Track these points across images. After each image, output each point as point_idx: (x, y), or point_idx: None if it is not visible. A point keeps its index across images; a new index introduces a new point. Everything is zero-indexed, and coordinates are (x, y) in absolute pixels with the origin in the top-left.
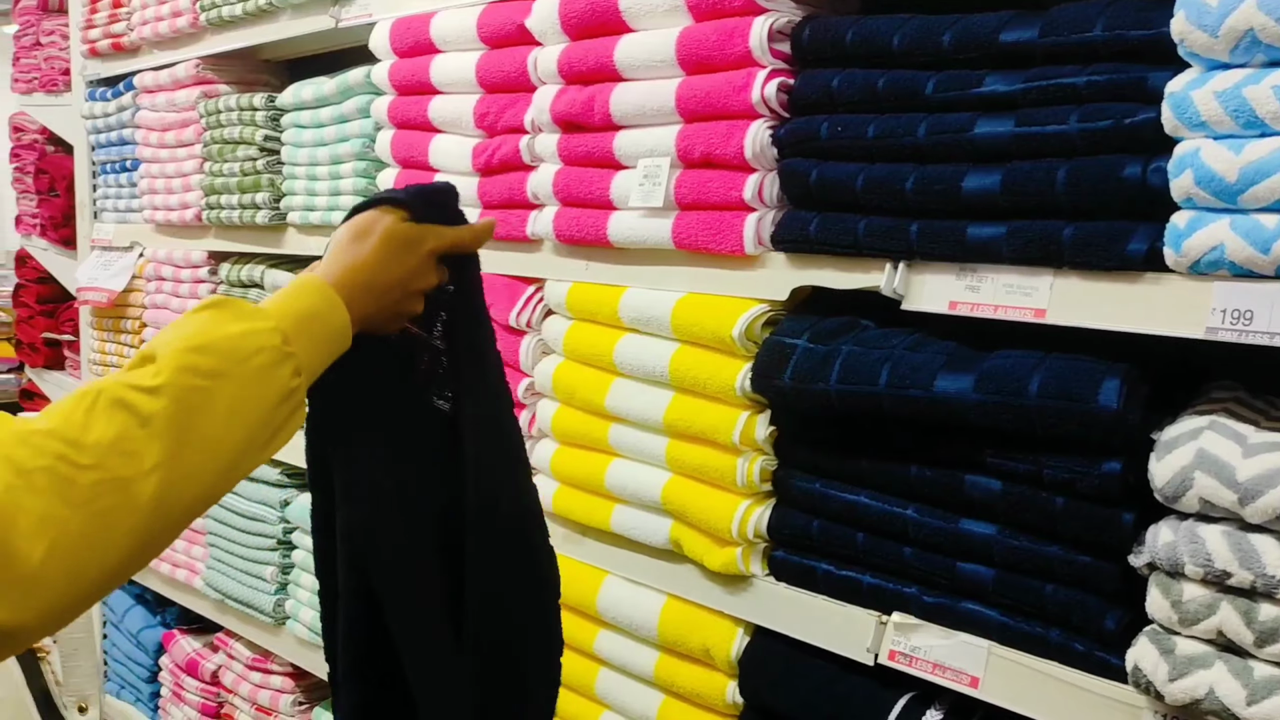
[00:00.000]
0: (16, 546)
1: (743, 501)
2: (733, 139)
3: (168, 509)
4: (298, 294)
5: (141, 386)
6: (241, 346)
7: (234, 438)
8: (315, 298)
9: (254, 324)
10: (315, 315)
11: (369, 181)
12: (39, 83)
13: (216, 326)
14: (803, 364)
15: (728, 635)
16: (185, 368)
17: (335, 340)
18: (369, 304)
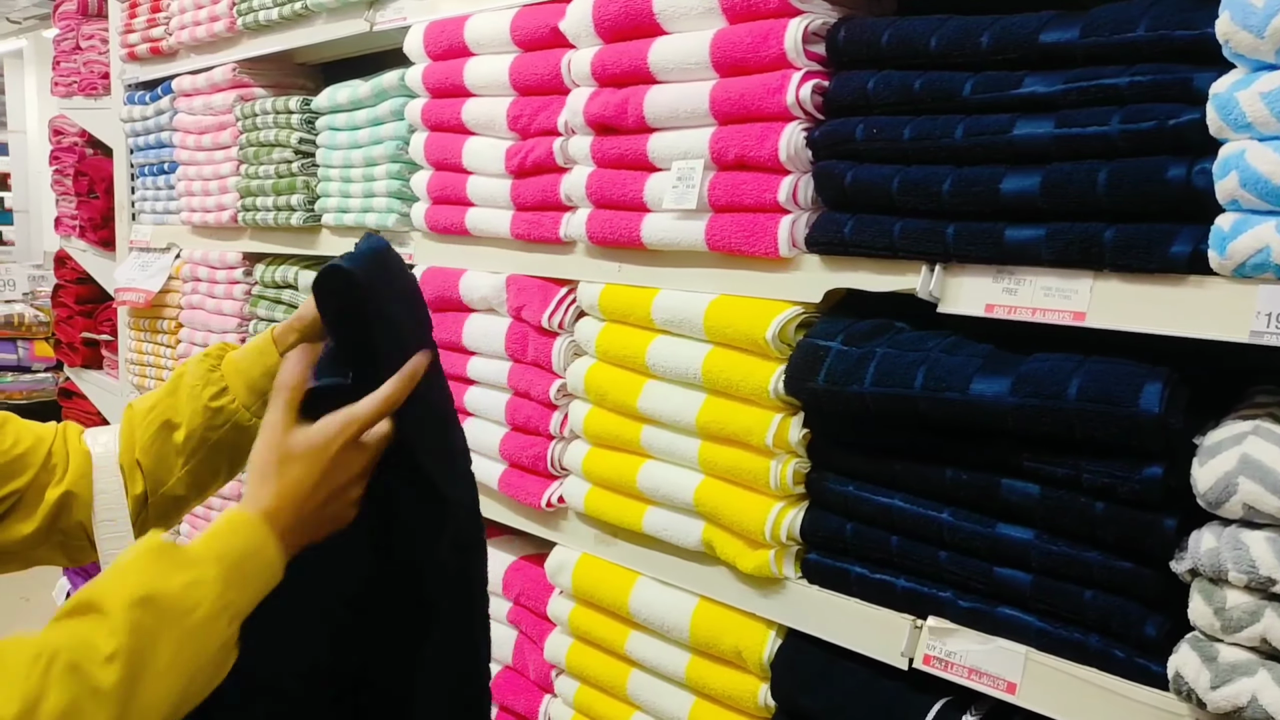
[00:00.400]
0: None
1: (775, 504)
2: (767, 141)
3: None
4: (232, 533)
5: (96, 654)
6: (184, 600)
7: (174, 691)
8: (249, 537)
9: (195, 574)
10: (249, 555)
11: (402, 183)
12: (78, 86)
13: (160, 578)
14: (837, 366)
15: (760, 638)
16: (134, 628)
17: (268, 575)
18: (303, 531)
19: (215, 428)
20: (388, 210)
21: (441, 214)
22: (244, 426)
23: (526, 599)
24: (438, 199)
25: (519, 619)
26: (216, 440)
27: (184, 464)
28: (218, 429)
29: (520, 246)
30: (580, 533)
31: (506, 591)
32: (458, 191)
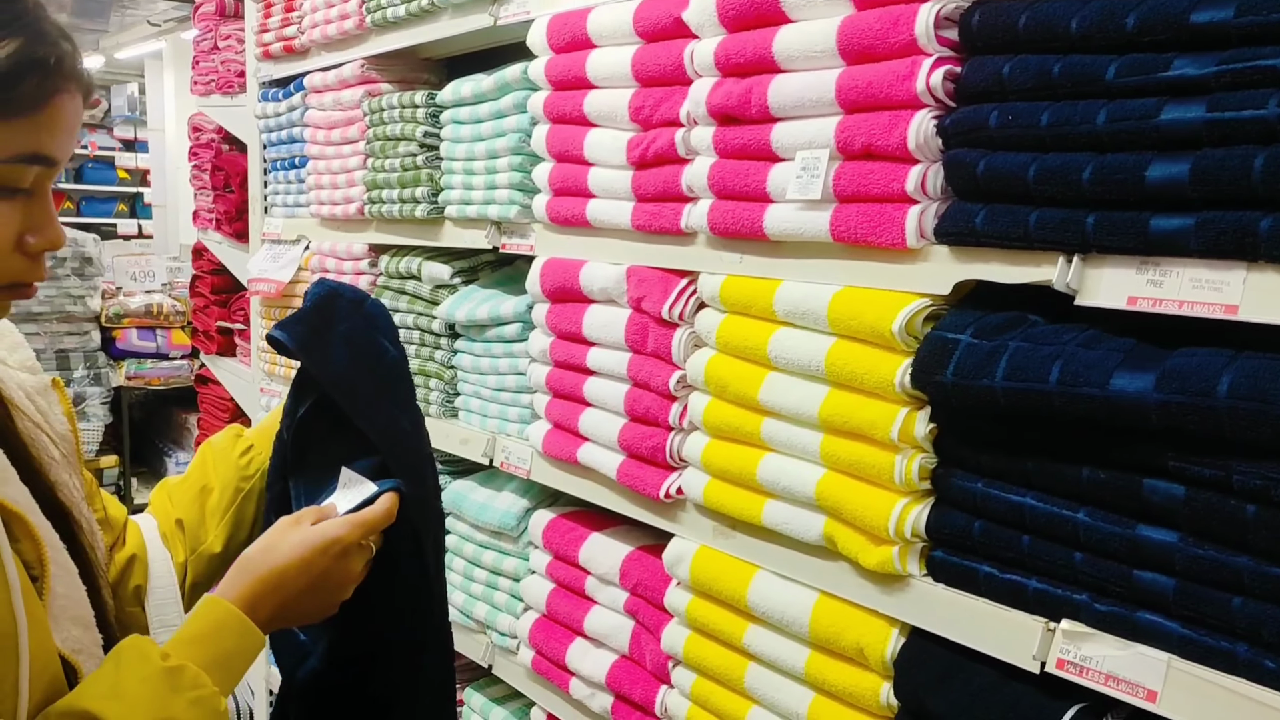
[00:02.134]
0: None
1: (900, 499)
2: (895, 130)
3: None
4: (220, 635)
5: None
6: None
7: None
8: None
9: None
10: (239, 653)
11: (524, 175)
12: (216, 85)
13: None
14: (967, 360)
15: (882, 635)
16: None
17: (253, 658)
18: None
19: (247, 478)
20: (509, 202)
21: (562, 205)
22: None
23: (644, 589)
24: (559, 190)
25: (636, 609)
26: (249, 490)
27: (220, 519)
28: (249, 478)
29: (641, 238)
30: (699, 524)
31: (624, 581)
32: (579, 183)
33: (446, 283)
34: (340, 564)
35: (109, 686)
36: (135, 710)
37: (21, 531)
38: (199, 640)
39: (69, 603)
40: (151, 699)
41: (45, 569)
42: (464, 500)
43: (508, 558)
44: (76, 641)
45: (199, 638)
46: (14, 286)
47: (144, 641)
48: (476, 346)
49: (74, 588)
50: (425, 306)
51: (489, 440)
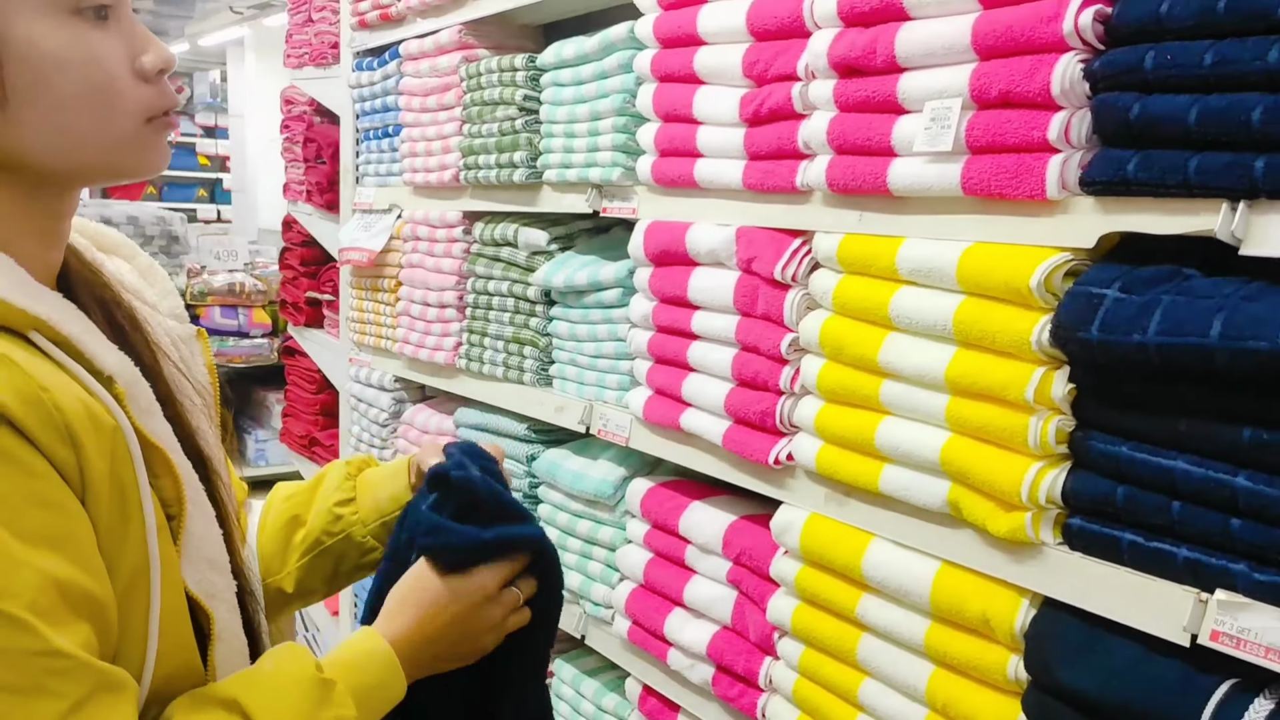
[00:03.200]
0: None
1: (1034, 463)
2: (1038, 74)
3: None
4: (367, 666)
5: None
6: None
7: None
8: (383, 672)
9: (339, 713)
10: (381, 687)
11: (628, 137)
12: (309, 57)
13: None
14: (1114, 315)
15: (1011, 606)
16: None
17: (392, 703)
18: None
19: (331, 534)
20: (611, 165)
21: (669, 166)
22: (355, 540)
23: (748, 558)
24: (665, 151)
25: (739, 579)
26: (328, 546)
27: (296, 560)
28: (333, 535)
29: (751, 198)
30: (810, 491)
31: (726, 551)
32: (687, 143)
33: (543, 249)
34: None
35: (261, 681)
36: (282, 711)
37: (162, 468)
38: (350, 666)
39: (205, 543)
40: (299, 705)
41: (183, 507)
42: (558, 469)
43: (603, 527)
44: (210, 585)
45: (350, 664)
46: (154, 120)
47: (301, 649)
48: (574, 313)
49: (210, 529)
50: (520, 273)
51: (586, 407)
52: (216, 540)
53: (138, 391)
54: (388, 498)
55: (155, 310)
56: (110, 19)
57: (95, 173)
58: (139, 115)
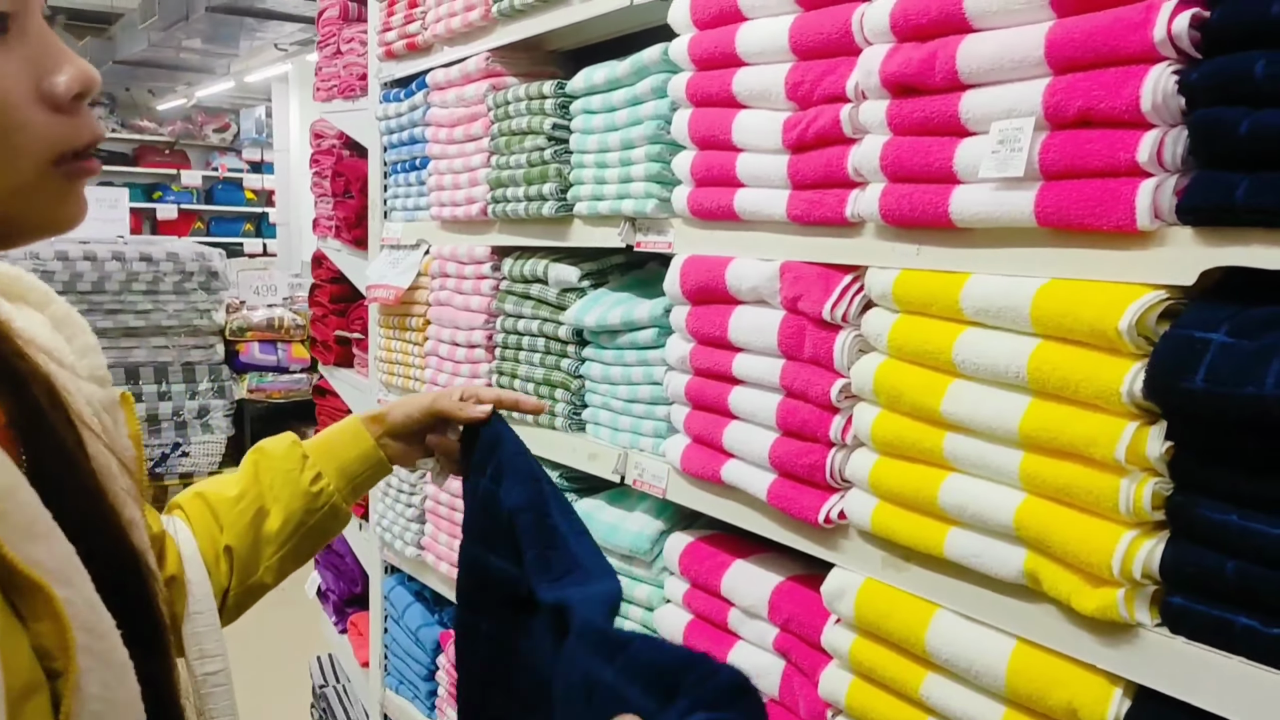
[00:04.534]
0: None
1: (1127, 532)
2: (1124, 89)
3: None
4: None
5: None
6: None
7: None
8: None
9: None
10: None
11: (663, 166)
12: (338, 89)
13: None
14: (1222, 363)
15: (1103, 695)
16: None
17: None
18: None
19: (314, 511)
20: (645, 196)
21: (706, 196)
22: (339, 510)
23: (797, 625)
24: (702, 180)
25: (787, 647)
26: (313, 524)
27: (276, 551)
28: (316, 512)
29: (796, 230)
30: (864, 553)
31: (773, 615)
32: (726, 171)
33: (574, 286)
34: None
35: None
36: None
37: (42, 609)
38: None
39: (108, 708)
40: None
41: (71, 662)
42: (591, 521)
43: (640, 584)
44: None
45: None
46: (69, 159)
47: None
48: (607, 354)
49: (120, 685)
50: (551, 311)
51: (620, 456)
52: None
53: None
54: (355, 459)
55: (74, 374)
56: (10, 31)
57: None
58: (44, 155)
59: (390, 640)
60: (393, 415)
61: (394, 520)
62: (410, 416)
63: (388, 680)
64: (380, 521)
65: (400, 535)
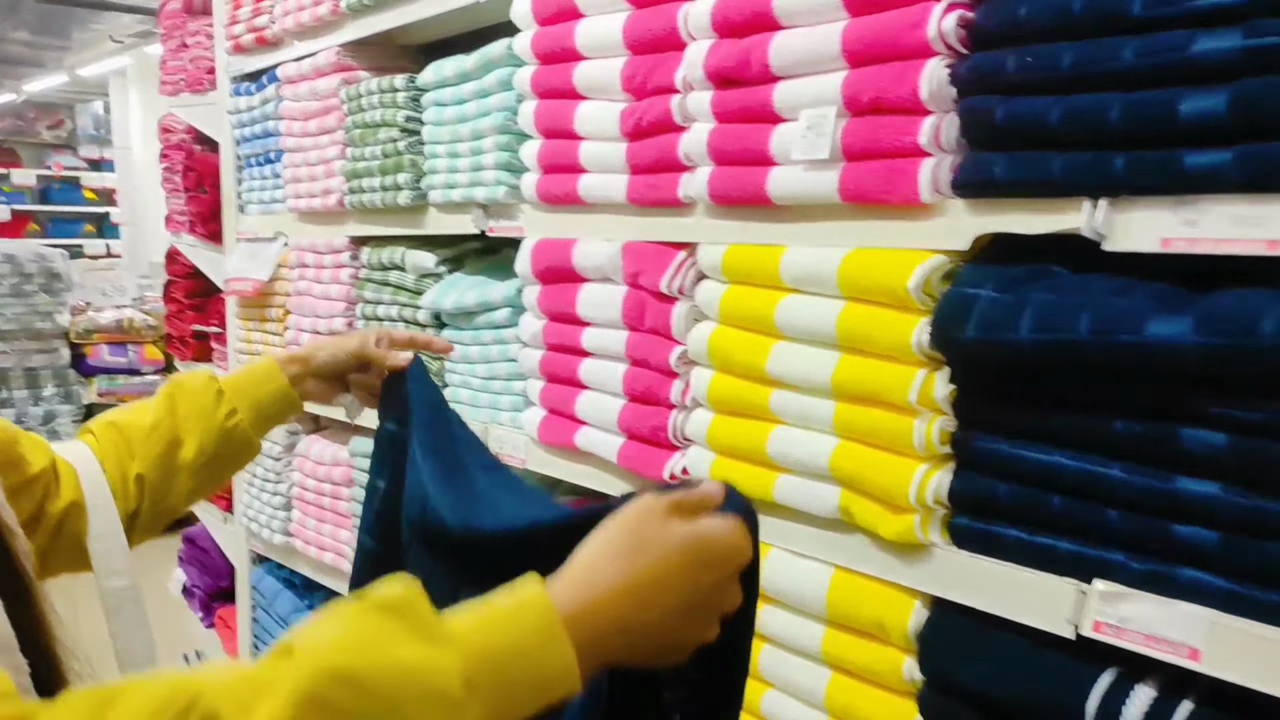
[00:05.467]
0: None
1: (920, 465)
2: (906, 80)
3: None
4: (508, 618)
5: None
6: (403, 686)
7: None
8: (530, 630)
9: (430, 652)
10: (523, 653)
11: (511, 155)
12: (185, 83)
13: (383, 645)
14: (989, 314)
15: (904, 608)
16: (316, 703)
17: (546, 688)
18: (621, 647)
19: (227, 444)
20: (496, 183)
21: (553, 183)
22: (251, 442)
23: None
24: (548, 168)
25: None
26: (226, 455)
27: (189, 479)
28: (229, 445)
29: (636, 211)
30: None
31: None
32: (570, 159)
33: (431, 271)
34: (722, 578)
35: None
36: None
37: None
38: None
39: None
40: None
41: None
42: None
43: None
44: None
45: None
46: None
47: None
48: (465, 335)
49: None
50: (410, 297)
51: (481, 431)
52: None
53: None
54: (268, 396)
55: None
56: None
57: None
58: None
59: (260, 630)
60: (319, 358)
61: (260, 510)
62: (337, 359)
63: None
64: (246, 512)
65: (267, 524)
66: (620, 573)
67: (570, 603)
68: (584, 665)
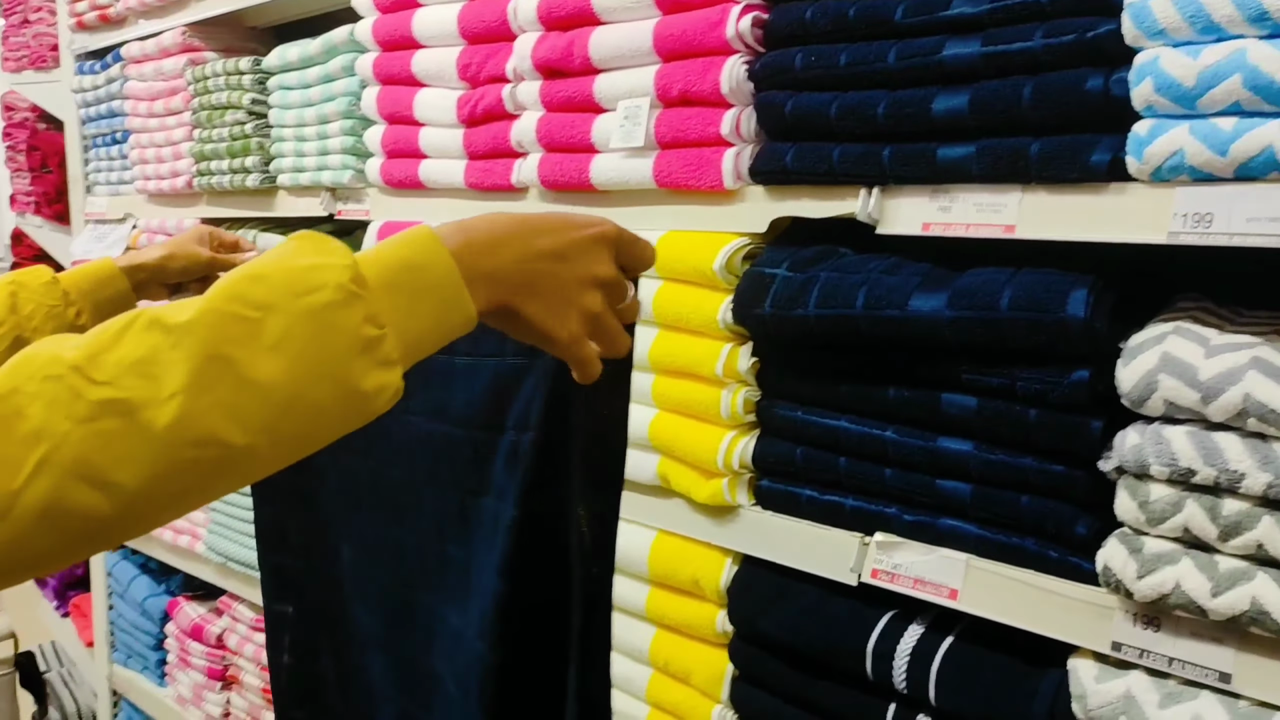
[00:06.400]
0: (5, 454)
1: (727, 433)
2: (709, 75)
3: (187, 445)
4: (395, 242)
5: (183, 308)
6: (302, 280)
7: (281, 378)
8: (415, 248)
9: (324, 259)
10: (411, 266)
11: (356, 140)
12: (28, 60)
13: (286, 258)
14: (782, 292)
15: (716, 566)
16: (233, 295)
17: (442, 302)
18: (499, 260)
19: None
20: (342, 167)
21: (396, 168)
22: None
23: None
24: (391, 153)
25: None
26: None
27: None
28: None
29: (474, 196)
30: None
31: None
32: (411, 144)
33: None
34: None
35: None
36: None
37: None
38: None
39: None
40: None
41: None
42: None
43: None
44: None
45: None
46: None
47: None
48: None
49: None
50: None
51: None
52: None
53: None
54: (108, 299)
55: None
56: None
57: None
58: None
59: (116, 616)
60: (171, 268)
61: None
62: (188, 271)
63: (115, 656)
64: None
65: None
66: (500, 217)
67: (448, 228)
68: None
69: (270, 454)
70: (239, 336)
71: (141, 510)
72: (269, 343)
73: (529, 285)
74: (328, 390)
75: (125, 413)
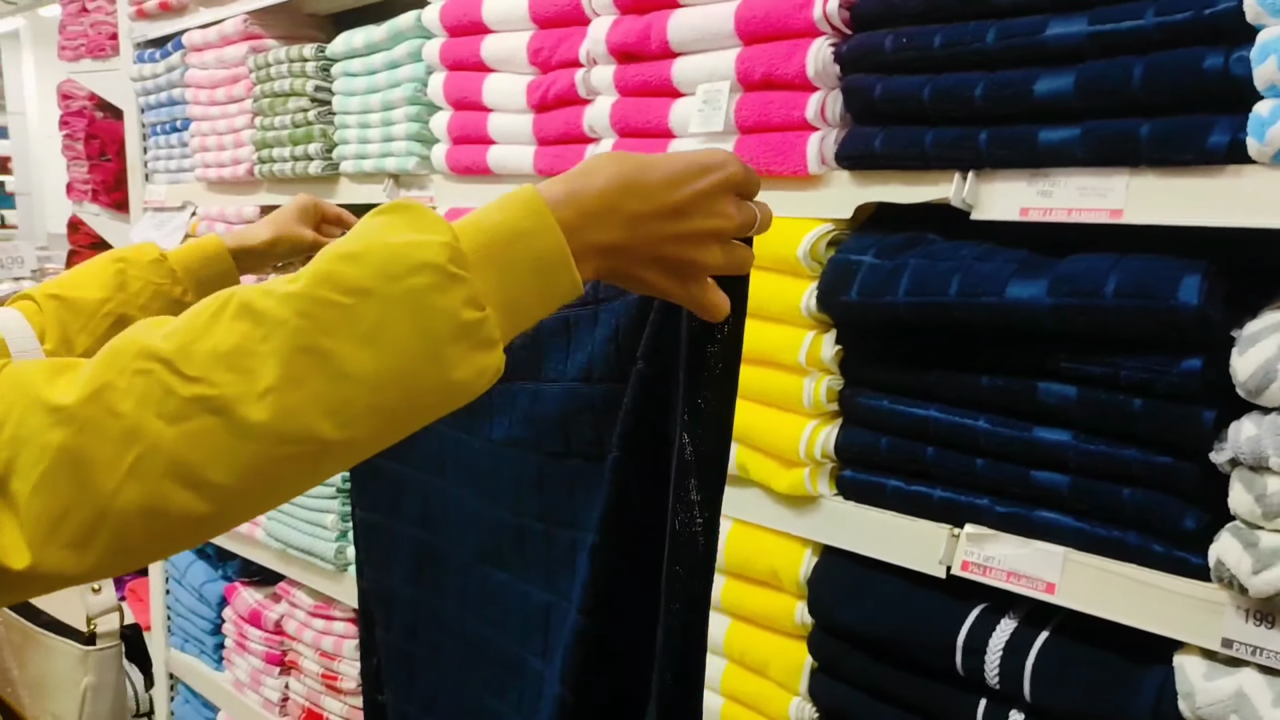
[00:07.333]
0: (95, 455)
1: (809, 422)
2: (794, 58)
3: (282, 442)
4: (497, 208)
5: (274, 293)
6: (398, 261)
7: (376, 369)
8: (519, 214)
9: (422, 235)
10: (515, 236)
11: (421, 126)
12: (86, 49)
13: (381, 233)
14: (869, 279)
15: (795, 557)
16: (326, 278)
17: (548, 275)
18: (612, 230)
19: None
20: (407, 154)
21: (462, 154)
22: None
23: None
24: (458, 139)
25: None
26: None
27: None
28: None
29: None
30: None
31: None
32: (478, 130)
33: None
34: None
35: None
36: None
37: None
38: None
39: None
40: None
41: None
42: None
43: None
44: None
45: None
46: None
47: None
48: None
49: None
50: None
51: None
52: None
53: None
54: (213, 277)
55: None
56: None
57: None
58: None
59: (173, 600)
60: (276, 250)
61: None
62: (294, 253)
63: (172, 640)
64: None
65: None
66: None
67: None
68: (576, 244)
69: (365, 444)
70: (332, 326)
71: (236, 507)
72: (363, 332)
73: (643, 253)
74: (425, 379)
75: (218, 410)
